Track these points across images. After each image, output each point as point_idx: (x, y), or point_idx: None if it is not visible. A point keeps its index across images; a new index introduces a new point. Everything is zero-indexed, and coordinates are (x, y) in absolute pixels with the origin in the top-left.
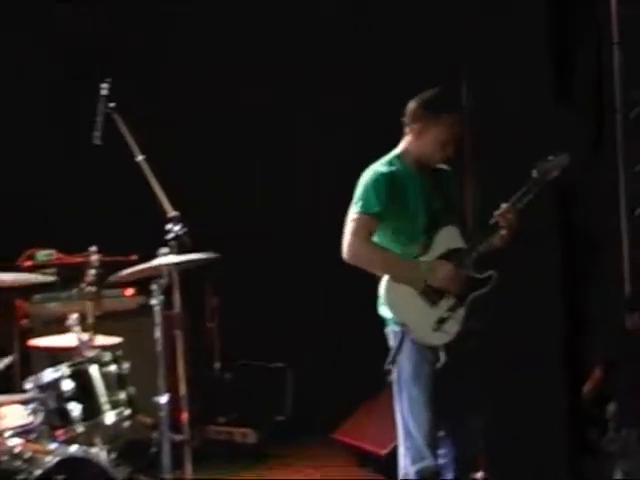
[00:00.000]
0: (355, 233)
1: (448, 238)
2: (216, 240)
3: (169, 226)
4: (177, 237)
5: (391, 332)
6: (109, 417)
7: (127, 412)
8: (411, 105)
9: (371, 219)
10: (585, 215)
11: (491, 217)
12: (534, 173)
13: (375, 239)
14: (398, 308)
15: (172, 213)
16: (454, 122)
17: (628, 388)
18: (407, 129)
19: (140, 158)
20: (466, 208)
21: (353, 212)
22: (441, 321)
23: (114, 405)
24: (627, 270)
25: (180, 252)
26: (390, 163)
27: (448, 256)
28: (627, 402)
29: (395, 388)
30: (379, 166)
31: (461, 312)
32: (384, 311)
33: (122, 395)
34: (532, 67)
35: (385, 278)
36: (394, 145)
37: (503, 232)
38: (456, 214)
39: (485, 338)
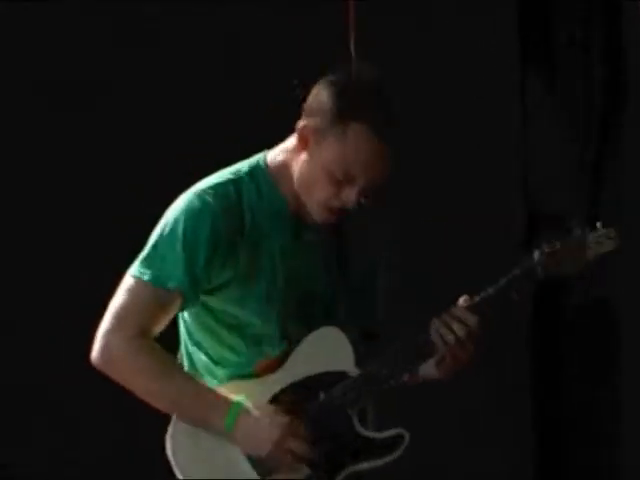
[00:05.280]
0: (124, 318)
1: (319, 352)
2: None
3: None
4: None
5: None
6: None
7: None
8: (328, 93)
9: (166, 296)
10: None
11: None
12: (537, 255)
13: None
14: (195, 475)
15: None
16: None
17: None
18: (304, 126)
19: None
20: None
21: (132, 276)
22: None
23: None
24: None
25: None
26: (238, 183)
27: (303, 390)
28: None
29: None
30: (212, 189)
31: None
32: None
33: None
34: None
35: (174, 417)
36: None
37: (450, 346)
38: (364, 301)
39: None
